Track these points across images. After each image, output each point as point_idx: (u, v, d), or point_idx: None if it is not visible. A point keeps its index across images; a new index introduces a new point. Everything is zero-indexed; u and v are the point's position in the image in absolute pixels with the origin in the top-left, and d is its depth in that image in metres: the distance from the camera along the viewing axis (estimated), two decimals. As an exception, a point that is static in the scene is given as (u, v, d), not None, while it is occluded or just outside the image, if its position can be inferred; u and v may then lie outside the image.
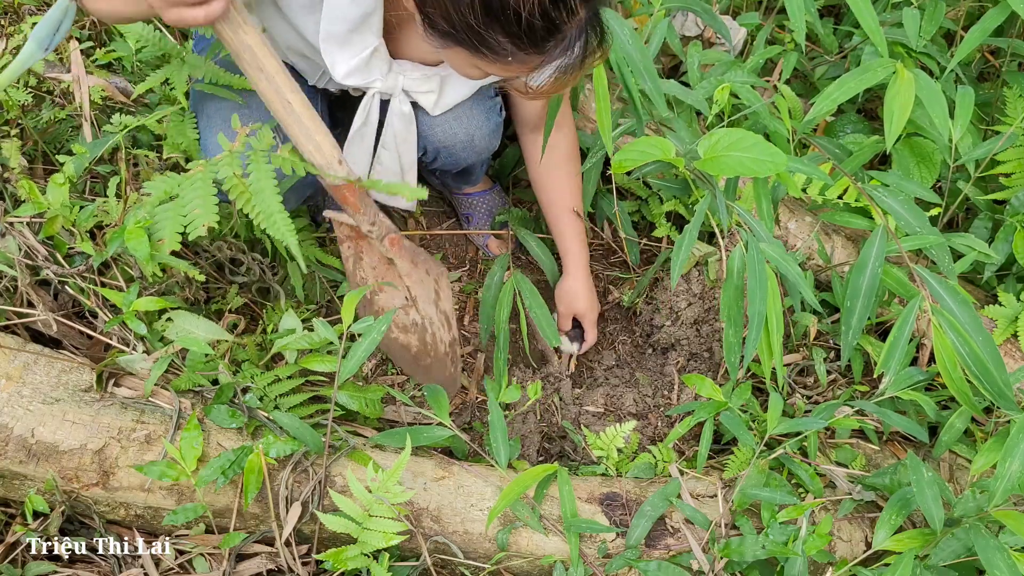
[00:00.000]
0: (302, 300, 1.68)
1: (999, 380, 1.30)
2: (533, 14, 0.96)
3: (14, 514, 1.30)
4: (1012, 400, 1.30)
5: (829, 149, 1.71)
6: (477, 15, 0.97)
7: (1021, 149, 1.63)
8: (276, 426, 1.31)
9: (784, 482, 1.37)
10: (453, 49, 1.07)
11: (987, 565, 1.11)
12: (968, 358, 1.31)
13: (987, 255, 1.60)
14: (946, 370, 1.32)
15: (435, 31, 1.05)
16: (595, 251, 1.98)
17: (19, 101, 1.59)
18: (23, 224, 1.32)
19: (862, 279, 1.39)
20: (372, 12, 1.21)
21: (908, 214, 1.48)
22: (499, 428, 1.37)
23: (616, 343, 1.85)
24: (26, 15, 1.87)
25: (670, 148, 1.35)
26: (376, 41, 1.27)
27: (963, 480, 1.50)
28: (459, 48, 1.05)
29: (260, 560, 1.30)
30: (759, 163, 1.27)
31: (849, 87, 1.52)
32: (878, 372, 1.41)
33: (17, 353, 1.28)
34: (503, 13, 0.96)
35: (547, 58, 1.05)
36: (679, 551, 1.31)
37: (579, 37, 1.04)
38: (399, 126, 1.44)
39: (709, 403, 1.43)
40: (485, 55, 1.04)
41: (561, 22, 0.99)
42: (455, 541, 1.30)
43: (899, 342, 1.36)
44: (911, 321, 1.35)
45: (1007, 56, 1.86)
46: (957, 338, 1.31)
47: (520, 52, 1.02)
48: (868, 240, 1.39)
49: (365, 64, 1.29)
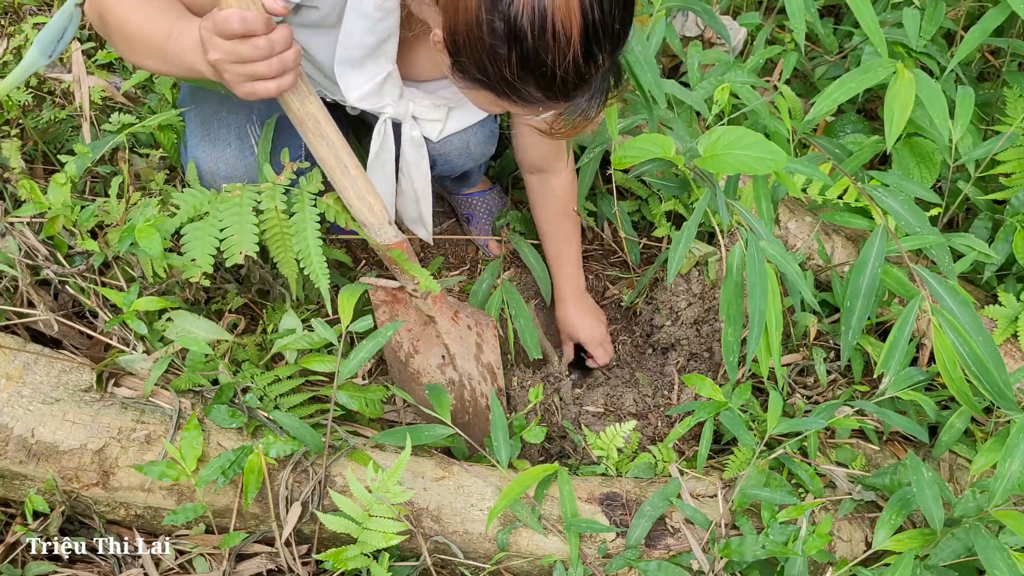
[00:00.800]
0: (302, 300, 1.68)
1: (999, 380, 1.30)
2: (567, 71, 1.00)
3: (14, 514, 1.30)
4: (1012, 400, 1.30)
5: (829, 149, 1.71)
6: (513, 71, 1.00)
7: (1021, 149, 1.63)
8: (276, 426, 1.31)
9: (784, 482, 1.37)
10: (480, 92, 1.09)
11: (987, 565, 1.11)
12: (968, 358, 1.30)
13: (987, 255, 1.60)
14: (946, 370, 1.32)
15: (465, 76, 1.07)
16: (595, 251, 1.98)
17: (19, 101, 1.59)
18: (24, 224, 1.32)
19: (862, 279, 1.39)
20: (387, 39, 1.23)
21: (908, 214, 1.48)
22: (500, 427, 1.37)
23: (616, 343, 1.85)
24: (26, 15, 1.87)
25: (670, 145, 1.35)
26: (390, 67, 1.28)
27: (963, 480, 1.50)
28: (487, 92, 1.08)
29: (260, 560, 1.30)
30: (759, 161, 1.27)
31: (849, 87, 1.53)
32: (878, 372, 1.41)
33: (17, 353, 1.28)
34: (539, 69, 0.99)
35: (572, 104, 1.09)
36: (679, 551, 1.31)
37: (603, 83, 1.09)
38: (410, 152, 1.45)
39: (709, 403, 1.43)
40: (514, 101, 1.07)
41: (590, 76, 1.04)
42: (455, 541, 1.30)
43: (899, 342, 1.36)
44: (911, 321, 1.35)
45: (1007, 56, 1.86)
46: (957, 338, 1.31)
47: (549, 102, 1.06)
48: (868, 240, 1.39)
49: (378, 89, 1.30)
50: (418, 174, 1.48)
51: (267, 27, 0.99)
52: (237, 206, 1.22)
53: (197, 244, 1.20)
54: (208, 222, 1.21)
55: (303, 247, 1.24)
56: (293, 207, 1.26)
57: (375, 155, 1.41)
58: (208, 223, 1.21)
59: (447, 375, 1.55)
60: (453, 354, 1.51)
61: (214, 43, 0.99)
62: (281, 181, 1.26)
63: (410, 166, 1.46)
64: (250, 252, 1.20)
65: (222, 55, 0.99)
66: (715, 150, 1.31)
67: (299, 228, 1.24)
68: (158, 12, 1.10)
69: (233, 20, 0.96)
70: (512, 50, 0.97)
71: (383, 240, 1.29)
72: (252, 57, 0.99)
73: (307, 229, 1.24)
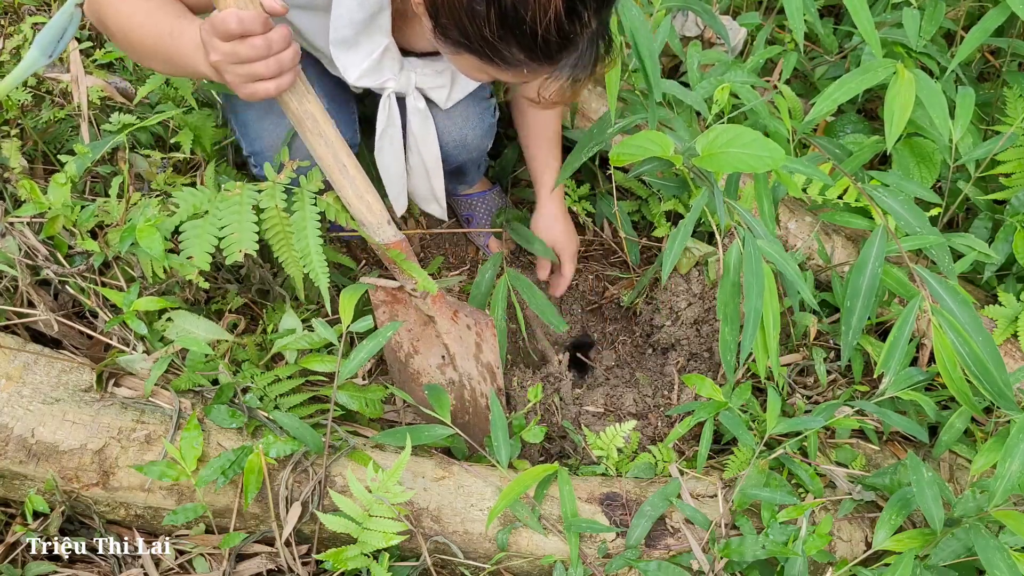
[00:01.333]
0: (302, 300, 1.68)
1: (999, 380, 1.30)
2: (549, 30, 0.98)
3: (14, 514, 1.30)
4: (1012, 400, 1.30)
5: (829, 149, 1.71)
6: (493, 29, 0.98)
7: (1021, 149, 1.63)
8: (276, 426, 1.31)
9: (784, 482, 1.37)
10: (464, 56, 1.07)
11: (987, 565, 1.11)
12: (968, 358, 1.31)
13: (987, 255, 1.60)
14: (946, 370, 1.32)
15: (447, 39, 1.06)
16: (595, 251, 1.98)
17: (19, 101, 1.59)
18: (24, 224, 1.32)
19: (862, 279, 1.39)
20: (379, 12, 1.21)
21: (908, 214, 1.48)
22: (500, 427, 1.37)
23: (616, 343, 1.85)
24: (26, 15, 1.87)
25: (669, 144, 1.35)
26: (386, 40, 1.27)
27: (963, 480, 1.50)
28: (471, 56, 1.06)
29: (260, 560, 1.30)
30: (758, 159, 1.27)
31: (850, 87, 1.52)
32: (878, 372, 1.41)
33: (17, 353, 1.28)
34: (519, 28, 0.97)
35: (558, 68, 1.07)
36: (679, 551, 1.31)
37: (590, 47, 1.06)
38: (417, 124, 1.43)
39: (709, 403, 1.43)
40: (498, 64, 1.05)
41: (574, 35, 1.01)
42: (455, 541, 1.30)
43: (899, 342, 1.36)
44: (911, 321, 1.35)
45: (1007, 56, 1.86)
46: (957, 338, 1.31)
47: (533, 63, 1.04)
48: (868, 240, 1.39)
49: (377, 64, 1.29)
50: (427, 147, 1.47)
51: (264, 27, 0.99)
52: (237, 204, 1.23)
53: (196, 242, 1.20)
54: (208, 220, 1.22)
55: (303, 246, 1.25)
56: (294, 206, 1.26)
57: (382, 132, 1.40)
58: (207, 221, 1.21)
59: (447, 375, 1.55)
60: (453, 354, 1.51)
61: (214, 45, 0.99)
62: (281, 180, 1.26)
63: (417, 140, 1.45)
64: (250, 250, 1.20)
65: (221, 56, 0.99)
66: (713, 148, 1.31)
67: (299, 227, 1.25)
68: (157, 9, 1.10)
69: (230, 21, 0.96)
70: (491, 7, 0.96)
71: (382, 239, 1.29)
72: (250, 57, 0.99)
73: (307, 228, 1.24)
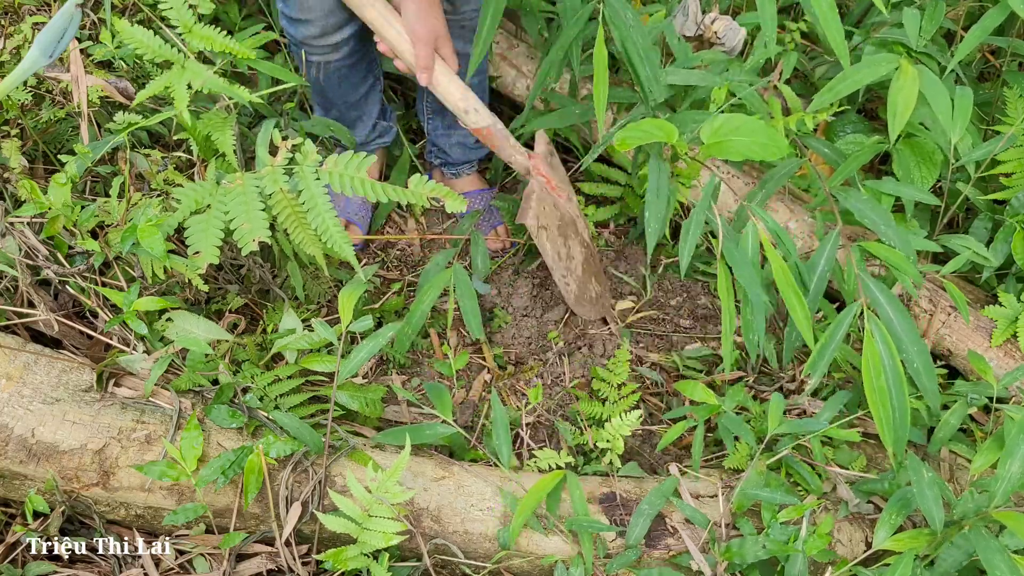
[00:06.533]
0: (302, 300, 1.68)
1: (928, 389, 1.28)
2: None
3: (14, 514, 1.30)
4: (904, 438, 1.25)
5: (825, 153, 1.71)
6: None
7: (1021, 149, 1.63)
8: (276, 426, 1.31)
9: (784, 482, 1.37)
10: None
11: (988, 567, 1.11)
12: (890, 371, 1.25)
13: (985, 258, 1.60)
14: (869, 379, 1.26)
15: None
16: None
17: (19, 101, 1.59)
18: (24, 224, 1.32)
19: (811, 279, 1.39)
20: None
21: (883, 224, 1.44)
22: (501, 426, 1.37)
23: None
24: (26, 15, 1.87)
25: (673, 130, 1.33)
26: None
27: (963, 480, 1.50)
28: None
29: (260, 560, 1.30)
30: (764, 147, 1.27)
31: (853, 80, 1.51)
32: (804, 374, 1.38)
33: (17, 353, 1.28)
34: None
35: None
36: (679, 551, 1.31)
37: None
38: None
39: (701, 407, 1.42)
40: None
41: None
42: (455, 541, 1.30)
43: (828, 346, 1.32)
44: (845, 326, 1.31)
45: (1007, 56, 1.86)
46: (885, 350, 1.26)
47: None
48: (820, 246, 1.40)
49: None
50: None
51: None
52: (242, 195, 1.21)
53: (202, 236, 1.19)
54: (211, 214, 1.20)
55: (320, 222, 1.22)
56: (299, 185, 1.24)
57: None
58: (212, 215, 1.20)
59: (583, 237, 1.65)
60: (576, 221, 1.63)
61: None
62: (278, 163, 1.24)
63: None
64: (264, 238, 1.19)
65: None
66: (719, 136, 1.31)
67: (311, 204, 1.22)
68: None
69: None
70: None
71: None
72: None
73: (319, 203, 1.22)
